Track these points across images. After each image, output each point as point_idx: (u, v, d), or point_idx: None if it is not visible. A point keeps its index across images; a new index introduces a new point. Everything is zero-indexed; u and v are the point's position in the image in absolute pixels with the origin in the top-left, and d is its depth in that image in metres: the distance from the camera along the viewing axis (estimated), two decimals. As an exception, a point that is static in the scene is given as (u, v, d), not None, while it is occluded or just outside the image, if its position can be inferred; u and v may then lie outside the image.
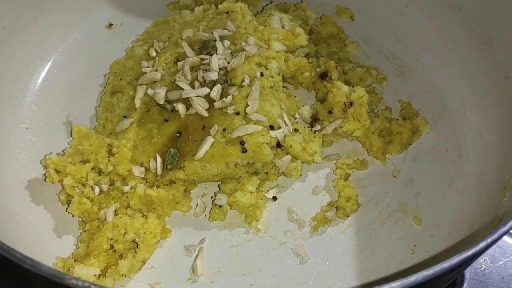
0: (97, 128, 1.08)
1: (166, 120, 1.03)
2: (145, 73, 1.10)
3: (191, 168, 0.98)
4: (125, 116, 1.06)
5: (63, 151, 1.03)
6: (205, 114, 1.01)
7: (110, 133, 1.05)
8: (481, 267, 1.04)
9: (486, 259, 1.05)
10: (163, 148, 1.02)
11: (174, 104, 1.03)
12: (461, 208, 1.02)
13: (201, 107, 1.01)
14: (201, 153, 0.97)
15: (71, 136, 1.03)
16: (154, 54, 1.14)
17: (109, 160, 1.00)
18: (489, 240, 0.61)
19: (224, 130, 0.98)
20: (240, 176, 1.02)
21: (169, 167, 1.00)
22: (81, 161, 1.00)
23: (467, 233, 0.96)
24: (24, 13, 1.12)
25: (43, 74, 1.18)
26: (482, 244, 0.61)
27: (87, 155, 1.00)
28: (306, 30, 1.19)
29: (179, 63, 1.09)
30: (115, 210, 0.97)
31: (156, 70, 1.10)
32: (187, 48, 1.10)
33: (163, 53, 1.13)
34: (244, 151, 0.96)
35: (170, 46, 1.14)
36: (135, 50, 1.17)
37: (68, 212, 0.98)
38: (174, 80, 1.06)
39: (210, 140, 0.97)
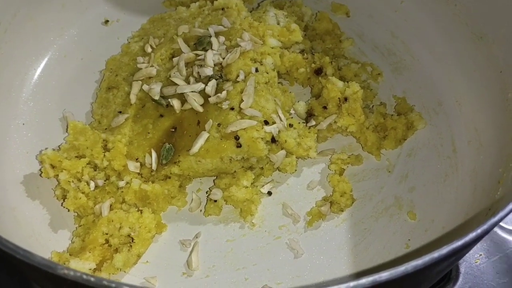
0: (92, 123, 1.09)
1: (161, 116, 1.04)
2: (141, 69, 1.10)
3: (186, 163, 0.99)
4: (120, 112, 1.07)
5: (58, 146, 1.03)
6: (200, 109, 1.01)
7: (106, 128, 1.06)
8: (476, 262, 1.05)
9: (481, 254, 1.05)
10: (158, 144, 1.02)
11: (169, 99, 1.03)
12: (455, 203, 1.02)
13: (196, 102, 1.01)
14: (196, 148, 0.97)
15: (67, 131, 1.04)
16: (149, 50, 1.15)
17: (104, 155, 1.00)
18: (479, 231, 0.62)
19: (218, 125, 0.99)
20: (235, 171, 1.02)
21: (164, 162, 1.00)
22: (76, 157, 1.00)
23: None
24: (20, 10, 1.13)
25: (39, 70, 1.19)
26: (472, 235, 0.61)
27: (82, 150, 1.00)
28: (302, 26, 1.19)
29: (175, 59, 1.09)
30: (110, 205, 0.97)
31: (152, 66, 1.10)
32: (182, 44, 1.11)
33: (159, 49, 1.13)
34: (239, 146, 0.97)
35: (166, 42, 1.14)
36: (131, 47, 1.18)
37: (64, 207, 0.98)
38: (169, 76, 1.06)
39: (205, 135, 0.98)
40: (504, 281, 1.03)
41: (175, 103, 1.03)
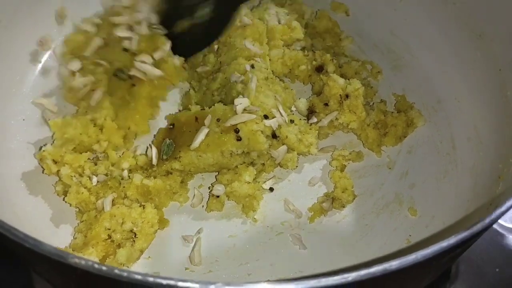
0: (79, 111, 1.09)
1: (134, 85, 1.04)
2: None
3: (187, 158, 0.99)
4: (93, 90, 1.06)
5: (51, 144, 1.02)
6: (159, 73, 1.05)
7: (86, 111, 1.06)
8: (476, 260, 1.05)
9: (480, 252, 1.06)
10: (145, 112, 1.05)
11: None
12: (455, 199, 1.03)
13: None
14: (196, 143, 0.97)
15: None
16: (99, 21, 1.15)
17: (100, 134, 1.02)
18: (486, 221, 0.62)
19: (218, 120, 0.99)
20: (236, 166, 1.02)
21: (164, 157, 1.00)
22: (74, 149, 1.01)
23: (462, 222, 0.98)
24: (20, 6, 1.12)
25: (39, 66, 1.18)
26: (479, 225, 0.62)
27: (77, 138, 1.00)
28: (302, 24, 1.19)
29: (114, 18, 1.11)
30: (113, 200, 0.97)
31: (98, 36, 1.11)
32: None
33: (105, 19, 1.14)
34: (239, 139, 0.97)
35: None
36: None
37: (66, 202, 0.98)
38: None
39: (205, 130, 0.98)
40: (504, 278, 1.04)
41: (136, 72, 1.04)
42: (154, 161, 1.00)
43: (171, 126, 1.02)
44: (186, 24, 1.00)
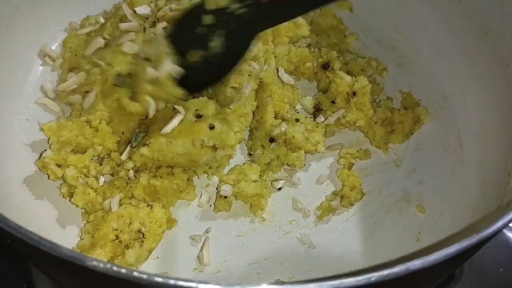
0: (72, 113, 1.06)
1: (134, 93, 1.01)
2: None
3: (156, 143, 0.94)
4: (87, 92, 1.04)
5: (49, 149, 1.00)
6: None
7: (80, 113, 1.04)
8: (479, 260, 1.05)
9: (484, 252, 1.05)
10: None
11: None
12: (464, 196, 1.03)
13: None
14: (168, 128, 0.93)
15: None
16: (102, 20, 1.12)
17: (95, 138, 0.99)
18: (506, 219, 0.62)
19: (196, 110, 0.96)
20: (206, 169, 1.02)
21: (134, 145, 0.98)
22: (72, 150, 0.99)
23: (471, 220, 0.97)
24: (22, 3, 1.10)
25: (43, 64, 1.16)
26: (498, 224, 0.62)
27: (74, 141, 0.98)
28: (307, 20, 1.18)
29: (121, 25, 1.07)
30: (120, 200, 0.96)
31: (99, 36, 1.08)
32: (127, 10, 1.08)
33: (109, 19, 1.11)
34: (212, 127, 0.94)
35: (116, 9, 1.13)
36: (88, 20, 1.17)
37: (72, 203, 0.96)
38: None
39: (179, 117, 0.95)
40: (508, 278, 1.03)
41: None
42: (124, 157, 0.98)
43: (144, 117, 1.00)
44: (199, 54, 0.95)
